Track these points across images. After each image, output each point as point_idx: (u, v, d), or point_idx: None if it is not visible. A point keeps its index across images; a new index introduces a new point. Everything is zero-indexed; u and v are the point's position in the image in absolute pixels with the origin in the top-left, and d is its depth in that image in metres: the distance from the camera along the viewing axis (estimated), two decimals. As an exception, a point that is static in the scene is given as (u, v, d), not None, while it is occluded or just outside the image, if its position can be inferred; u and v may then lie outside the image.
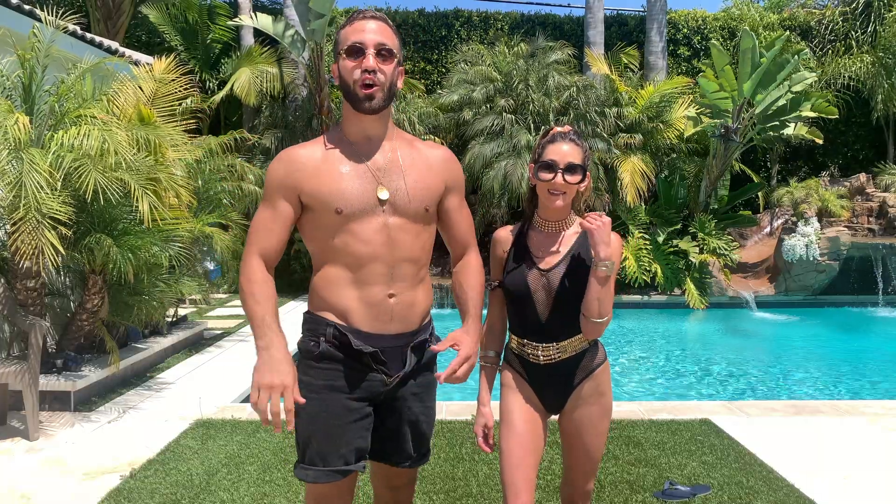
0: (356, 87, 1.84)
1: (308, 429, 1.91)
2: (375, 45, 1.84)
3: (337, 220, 1.87)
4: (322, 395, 1.90)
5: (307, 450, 1.93)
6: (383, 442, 2.03)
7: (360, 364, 1.91)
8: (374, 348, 1.90)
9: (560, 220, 2.17)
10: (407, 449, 2.05)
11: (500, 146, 11.06)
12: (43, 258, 4.09)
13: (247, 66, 11.88)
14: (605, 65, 12.20)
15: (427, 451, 2.12)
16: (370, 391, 1.94)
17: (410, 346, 1.97)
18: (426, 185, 1.94)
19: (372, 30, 1.85)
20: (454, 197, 2.04)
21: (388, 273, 1.90)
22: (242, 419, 4.59)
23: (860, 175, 11.99)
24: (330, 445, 1.90)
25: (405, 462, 2.06)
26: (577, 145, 2.09)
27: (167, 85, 5.88)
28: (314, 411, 1.89)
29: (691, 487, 3.46)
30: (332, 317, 1.92)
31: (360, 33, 1.84)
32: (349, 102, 1.89)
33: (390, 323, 1.92)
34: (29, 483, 3.60)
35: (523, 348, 2.18)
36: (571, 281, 2.10)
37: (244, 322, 8.49)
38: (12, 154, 4.14)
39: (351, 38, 1.85)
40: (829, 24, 14.34)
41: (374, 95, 1.84)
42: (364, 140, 1.93)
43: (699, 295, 10.50)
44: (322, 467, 1.90)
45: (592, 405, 2.18)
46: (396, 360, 1.95)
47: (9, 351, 5.04)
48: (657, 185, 11.71)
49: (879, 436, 4.32)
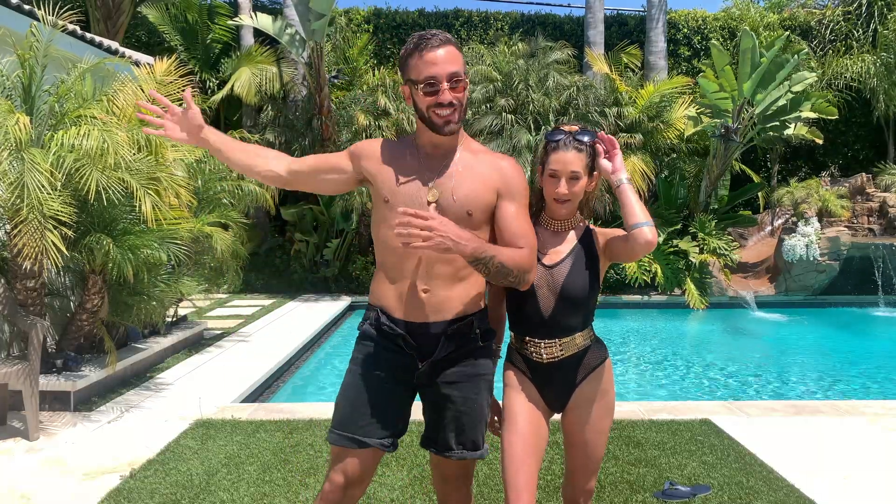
0: (433, 115, 2.00)
1: (341, 395, 2.12)
2: (448, 77, 1.96)
3: (384, 211, 2.04)
4: (358, 368, 2.11)
5: (335, 413, 2.12)
6: (427, 428, 2.18)
7: (396, 346, 2.07)
8: (404, 332, 2.04)
9: (567, 219, 2.20)
10: (446, 438, 2.12)
11: (501, 146, 11.05)
12: (45, 259, 4.09)
13: (247, 66, 11.88)
14: (605, 65, 12.20)
15: (473, 445, 2.13)
16: (403, 372, 2.08)
17: (446, 333, 2.04)
18: (472, 190, 2.03)
19: (443, 59, 1.96)
20: (509, 204, 2.06)
21: (423, 270, 2.02)
22: (242, 419, 4.59)
23: (860, 175, 11.99)
24: (352, 414, 2.07)
25: (445, 451, 2.13)
26: (581, 150, 2.10)
27: (167, 86, 5.87)
28: (348, 381, 2.12)
29: (691, 487, 3.46)
30: (377, 304, 2.12)
31: (433, 66, 1.95)
32: (427, 126, 2.04)
33: (423, 314, 2.05)
34: (29, 483, 3.60)
35: (526, 346, 2.19)
36: (575, 278, 2.13)
37: (244, 322, 8.50)
38: (13, 154, 4.14)
39: (424, 73, 1.96)
40: (829, 24, 14.34)
41: (451, 121, 2.00)
42: (432, 148, 2.09)
43: (699, 295, 10.50)
44: (340, 431, 2.06)
45: (595, 403, 2.19)
46: (431, 347, 2.06)
47: (9, 351, 5.04)
48: (657, 185, 11.71)
49: (879, 436, 4.32)
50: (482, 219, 2.05)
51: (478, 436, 2.14)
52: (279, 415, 4.68)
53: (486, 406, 2.17)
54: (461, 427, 2.11)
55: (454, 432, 2.11)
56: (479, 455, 2.15)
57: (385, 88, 11.60)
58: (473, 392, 2.11)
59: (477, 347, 2.12)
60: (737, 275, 11.22)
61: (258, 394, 5.69)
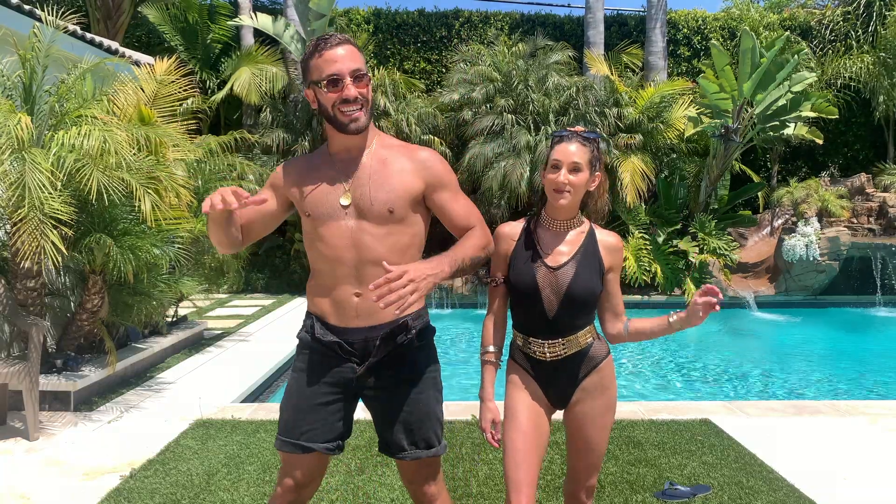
0: (338, 114, 1.98)
1: (284, 402, 2.18)
2: (351, 73, 1.96)
3: (309, 225, 2.08)
4: (297, 375, 2.16)
5: (280, 420, 2.18)
6: (378, 433, 2.20)
7: (333, 353, 2.10)
8: (338, 339, 2.07)
9: (568, 219, 2.19)
10: (397, 440, 2.12)
11: (500, 146, 11.06)
12: (45, 259, 4.09)
13: (247, 66, 11.88)
14: (604, 65, 12.20)
15: (426, 443, 2.14)
16: (342, 378, 2.11)
17: (380, 337, 2.06)
18: (391, 188, 2.02)
19: (343, 57, 1.96)
20: (442, 192, 2.09)
21: (354, 274, 2.03)
22: (242, 419, 4.59)
23: (860, 175, 12.00)
24: (294, 420, 2.12)
25: (399, 453, 2.13)
26: (585, 146, 2.10)
27: (168, 86, 5.88)
28: (289, 389, 2.18)
29: (691, 488, 3.46)
30: (314, 311, 2.15)
31: (333, 64, 1.96)
32: (333, 126, 2.03)
33: (356, 319, 2.06)
34: (29, 483, 3.60)
35: (529, 345, 2.19)
36: (579, 280, 2.12)
37: (244, 322, 8.50)
38: (14, 154, 4.14)
39: (326, 70, 1.96)
40: (829, 24, 14.34)
41: (359, 118, 1.99)
42: (343, 151, 2.08)
43: (699, 295, 10.48)
44: (284, 437, 2.12)
45: (596, 399, 2.20)
46: (367, 351, 2.08)
47: (9, 351, 5.03)
48: (657, 185, 11.71)
49: (879, 436, 4.32)
50: (404, 213, 2.04)
51: (429, 434, 2.13)
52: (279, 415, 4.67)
53: (436, 403, 2.17)
54: (409, 427, 2.11)
55: (403, 433, 2.11)
56: (433, 453, 2.15)
57: (385, 89, 11.59)
58: (416, 391, 2.12)
59: (415, 348, 2.12)
60: (737, 275, 11.22)
61: (258, 394, 5.69)
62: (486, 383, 2.22)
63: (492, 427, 2.20)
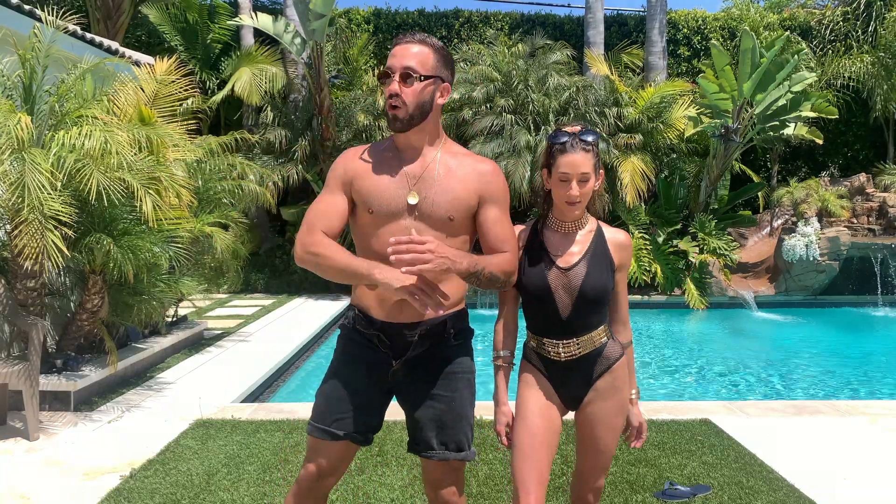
0: (387, 107, 2.02)
1: (319, 389, 2.19)
2: (401, 70, 1.98)
3: (367, 219, 2.06)
4: (336, 365, 2.18)
5: (314, 406, 2.17)
6: (410, 431, 2.20)
7: (372, 345, 2.12)
8: (378, 332, 2.09)
9: (576, 220, 2.20)
10: (427, 438, 2.12)
11: (501, 146, 11.06)
12: (45, 259, 4.09)
13: (247, 66, 11.87)
14: (604, 65, 12.20)
15: (457, 446, 2.12)
16: (378, 371, 2.12)
17: (418, 333, 2.07)
18: (454, 195, 2.03)
19: (406, 53, 2.00)
20: (490, 209, 2.08)
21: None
22: (242, 419, 4.60)
23: (860, 175, 11.99)
24: (327, 407, 2.13)
25: (426, 452, 2.13)
26: (588, 151, 2.10)
27: (168, 86, 5.88)
28: (327, 376, 2.18)
29: (691, 488, 3.47)
30: (357, 304, 2.16)
31: (392, 58, 2.01)
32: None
33: (399, 314, 2.07)
34: (29, 483, 3.60)
35: (543, 346, 2.19)
36: (592, 278, 2.13)
37: (244, 322, 8.50)
38: (14, 154, 4.14)
39: (387, 63, 2.03)
40: (829, 24, 14.34)
41: (397, 116, 2.00)
42: (408, 149, 2.09)
43: (699, 295, 10.51)
44: (315, 423, 2.13)
45: (608, 400, 2.20)
46: (406, 346, 2.09)
47: (9, 351, 5.03)
48: (657, 185, 11.71)
49: (879, 436, 4.32)
50: (462, 223, 2.06)
51: (460, 436, 2.13)
52: (279, 415, 4.68)
53: (470, 406, 2.16)
54: (441, 425, 2.10)
55: (434, 431, 2.11)
56: (463, 457, 2.13)
57: (385, 89, 11.58)
58: (450, 390, 2.11)
59: (452, 346, 2.13)
60: (737, 275, 11.22)
61: (258, 394, 5.69)
62: (499, 387, 2.22)
63: (506, 430, 2.21)
